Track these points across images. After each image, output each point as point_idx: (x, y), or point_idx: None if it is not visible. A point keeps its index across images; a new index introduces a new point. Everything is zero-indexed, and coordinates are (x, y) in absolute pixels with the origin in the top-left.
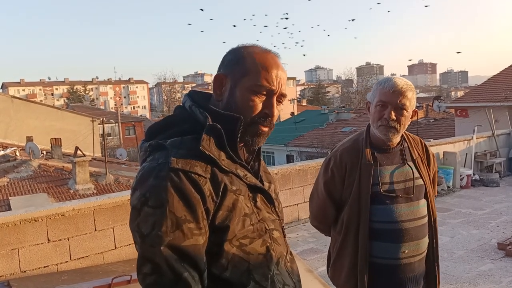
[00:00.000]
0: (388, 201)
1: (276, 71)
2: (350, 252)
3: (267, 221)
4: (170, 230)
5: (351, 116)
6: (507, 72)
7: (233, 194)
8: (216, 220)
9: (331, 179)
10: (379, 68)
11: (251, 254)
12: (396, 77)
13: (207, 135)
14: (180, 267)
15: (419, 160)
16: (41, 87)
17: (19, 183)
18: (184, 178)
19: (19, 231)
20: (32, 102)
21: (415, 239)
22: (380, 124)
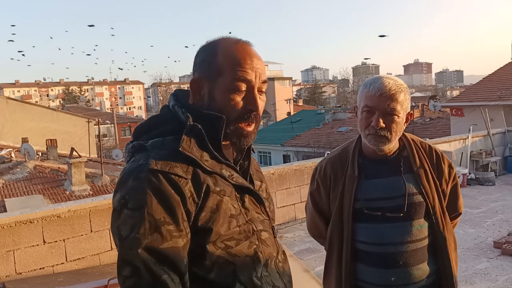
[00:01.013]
0: (371, 220)
1: (250, 62)
2: (334, 273)
3: (256, 222)
4: (148, 233)
5: (347, 116)
6: (502, 71)
7: (217, 195)
8: (198, 221)
9: (316, 191)
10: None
11: (237, 256)
12: (385, 76)
13: (187, 135)
14: (158, 269)
15: (422, 172)
16: (36, 88)
17: (15, 185)
18: (163, 180)
19: (14, 233)
20: (27, 103)
21: (405, 265)
22: (368, 133)
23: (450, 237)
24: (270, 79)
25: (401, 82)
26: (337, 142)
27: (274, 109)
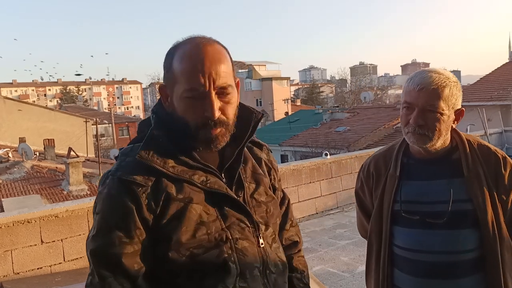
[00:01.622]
0: (409, 224)
1: (201, 67)
2: (373, 275)
3: (233, 230)
4: (101, 235)
5: (345, 116)
6: (499, 71)
7: (180, 203)
8: (159, 229)
9: (360, 189)
10: (372, 68)
11: (205, 264)
12: (431, 69)
13: (146, 143)
14: (104, 272)
15: (474, 177)
16: (33, 87)
17: (12, 185)
18: (121, 187)
19: (12, 233)
20: (24, 103)
21: (443, 277)
22: (407, 131)
23: (506, 254)
24: (268, 79)
25: (448, 76)
26: (335, 142)
27: (272, 109)
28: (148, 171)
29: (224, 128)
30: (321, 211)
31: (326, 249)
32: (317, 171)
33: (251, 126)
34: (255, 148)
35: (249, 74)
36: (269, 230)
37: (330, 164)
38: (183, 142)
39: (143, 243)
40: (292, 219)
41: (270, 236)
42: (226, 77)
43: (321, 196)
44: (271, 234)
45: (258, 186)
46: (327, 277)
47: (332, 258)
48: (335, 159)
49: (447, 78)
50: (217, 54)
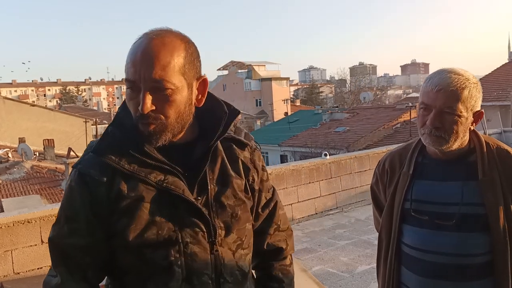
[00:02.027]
0: (418, 223)
1: (133, 61)
2: (382, 271)
3: (185, 233)
4: (58, 226)
5: (344, 116)
6: (499, 72)
7: (129, 200)
8: (110, 225)
9: (375, 184)
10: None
11: (151, 265)
12: (450, 69)
13: (101, 139)
14: (57, 261)
15: (489, 181)
16: (33, 88)
17: (12, 185)
18: (79, 180)
19: (12, 233)
20: (24, 103)
21: (449, 279)
22: (423, 132)
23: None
24: (267, 79)
25: (467, 77)
26: (334, 142)
27: (271, 109)
28: (105, 166)
29: (159, 126)
30: (321, 212)
31: (325, 249)
32: (316, 171)
33: (221, 125)
34: (236, 147)
35: (248, 74)
36: (231, 236)
37: (330, 165)
38: (133, 137)
39: (96, 237)
40: (279, 223)
41: (233, 242)
42: (162, 72)
43: (321, 196)
44: (235, 240)
45: (225, 188)
46: (327, 277)
47: (331, 258)
48: (335, 159)
49: (466, 80)
50: (158, 47)
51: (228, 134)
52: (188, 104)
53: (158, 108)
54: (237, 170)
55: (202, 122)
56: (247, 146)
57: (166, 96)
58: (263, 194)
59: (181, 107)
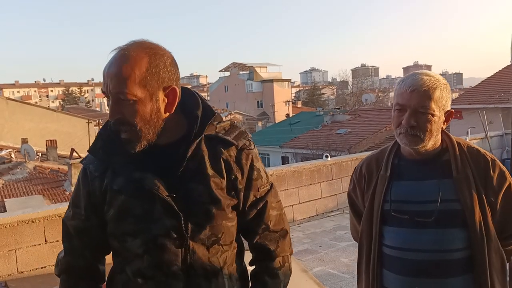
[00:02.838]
0: (398, 223)
1: (105, 71)
2: (364, 278)
3: (157, 226)
4: (68, 209)
5: (346, 118)
6: (501, 74)
7: (114, 193)
8: (103, 213)
9: (353, 191)
10: (374, 70)
11: (129, 251)
12: (421, 72)
13: (95, 140)
14: (64, 237)
15: (463, 179)
16: (36, 89)
17: (14, 185)
18: (83, 173)
19: (16, 232)
20: (27, 103)
21: (430, 276)
22: (400, 132)
23: (493, 255)
24: (269, 81)
25: (438, 78)
26: (335, 144)
27: (273, 111)
28: (100, 162)
29: (131, 134)
30: (322, 213)
31: (326, 251)
32: (317, 173)
33: (195, 128)
34: (220, 146)
35: (250, 76)
36: (204, 232)
37: (331, 166)
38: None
39: (92, 222)
40: (268, 223)
41: (206, 238)
42: (121, 85)
43: (322, 198)
44: (209, 236)
45: (200, 187)
46: (327, 278)
47: (332, 259)
48: (336, 161)
49: (437, 80)
50: (121, 61)
51: (215, 133)
52: (154, 112)
53: (125, 117)
54: (217, 169)
55: (189, 124)
56: (233, 145)
57: (129, 105)
58: (251, 192)
59: (146, 116)
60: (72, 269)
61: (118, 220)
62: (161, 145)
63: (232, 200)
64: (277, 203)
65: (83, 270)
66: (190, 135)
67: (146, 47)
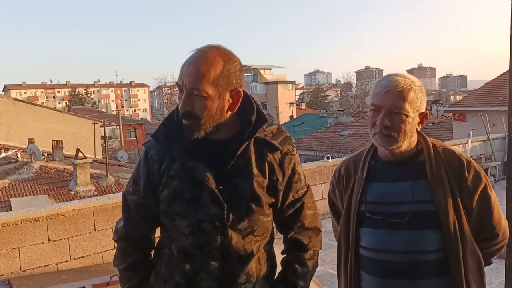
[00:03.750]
0: (374, 225)
1: (182, 68)
2: (342, 279)
3: (203, 212)
4: (128, 185)
5: (350, 120)
6: (505, 76)
7: (168, 177)
8: (158, 193)
9: (332, 192)
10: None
11: (177, 229)
12: (396, 73)
13: (157, 129)
14: (124, 209)
15: (437, 180)
16: (42, 89)
17: (20, 185)
18: (144, 155)
19: (20, 231)
20: (33, 104)
21: (405, 277)
22: (374, 132)
23: (469, 257)
24: (273, 83)
25: (413, 80)
26: (339, 146)
27: (277, 113)
28: (161, 148)
29: (193, 123)
30: (322, 214)
31: (326, 251)
32: (318, 174)
33: (248, 130)
34: (267, 149)
35: (254, 77)
36: (242, 223)
37: (332, 167)
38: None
39: (148, 199)
40: (303, 221)
41: (244, 228)
42: (196, 82)
43: (323, 199)
44: (246, 227)
45: (245, 184)
46: (327, 278)
47: (332, 259)
48: (337, 162)
49: (412, 82)
50: (200, 62)
51: (263, 137)
52: (219, 110)
53: (194, 110)
54: (261, 170)
55: (242, 125)
56: (278, 150)
57: (200, 101)
58: (290, 193)
59: (212, 111)
60: (129, 237)
61: (171, 201)
62: (215, 141)
63: (270, 198)
64: (312, 203)
65: (138, 239)
66: (242, 135)
67: (222, 52)
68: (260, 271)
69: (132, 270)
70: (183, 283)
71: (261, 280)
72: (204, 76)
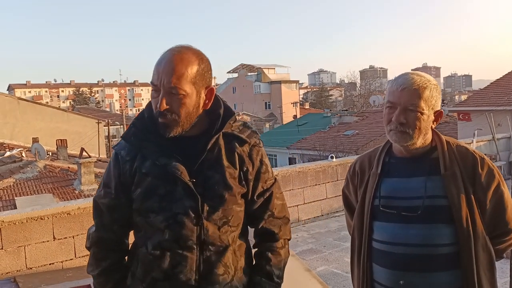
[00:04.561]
0: (387, 218)
1: (159, 68)
2: (356, 272)
3: (177, 205)
4: (98, 189)
5: (353, 120)
6: (509, 76)
7: (141, 175)
8: (131, 192)
9: (346, 188)
10: (382, 72)
11: (152, 226)
12: (412, 72)
13: (128, 128)
14: (95, 213)
15: (450, 176)
16: (47, 89)
17: (25, 184)
18: (114, 157)
19: (25, 229)
20: (38, 104)
21: (416, 270)
22: (390, 129)
23: (480, 251)
24: (277, 82)
25: (428, 78)
26: (343, 145)
27: (280, 112)
28: (131, 147)
29: (171, 121)
30: (326, 213)
31: (330, 250)
32: (322, 173)
33: (217, 124)
34: (235, 142)
35: (258, 77)
36: (217, 214)
37: (336, 167)
38: (154, 128)
39: (121, 200)
40: (273, 211)
41: (219, 219)
42: (175, 81)
43: (327, 198)
44: (221, 217)
45: (217, 175)
46: (331, 277)
47: (336, 259)
48: (341, 162)
49: (428, 81)
50: (176, 61)
51: (231, 131)
52: (196, 107)
53: (172, 108)
54: (232, 161)
55: (210, 121)
56: (247, 143)
57: (178, 99)
58: (260, 183)
59: (190, 109)
60: (102, 242)
61: (144, 198)
62: (186, 137)
63: (242, 188)
64: (280, 194)
65: (112, 243)
66: (210, 130)
67: (195, 52)
68: (237, 263)
69: (106, 275)
70: (161, 278)
71: (239, 272)
72: (183, 75)
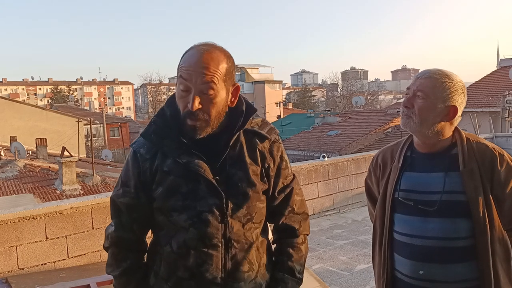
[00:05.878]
0: (407, 211)
1: (189, 66)
2: (377, 260)
3: (201, 203)
4: (116, 188)
5: (337, 120)
6: (488, 78)
7: (163, 174)
8: (151, 191)
9: (369, 178)
10: (363, 73)
11: (175, 225)
12: (437, 68)
13: (147, 126)
14: (114, 213)
15: (469, 171)
16: (24, 86)
17: (4, 183)
18: (133, 156)
19: (17, 229)
20: (16, 101)
21: (434, 261)
22: (401, 113)
23: (497, 244)
24: (260, 82)
25: (447, 74)
26: (326, 145)
27: (264, 112)
28: (151, 146)
29: (203, 121)
30: (318, 212)
31: (324, 249)
32: (314, 172)
33: (240, 121)
34: (256, 138)
35: (241, 77)
36: (241, 211)
37: (327, 166)
38: (177, 127)
39: (141, 199)
40: (294, 207)
41: (243, 216)
42: (208, 80)
43: (318, 197)
44: (245, 214)
45: (240, 172)
46: (327, 275)
47: (330, 257)
48: (332, 161)
49: (446, 75)
50: (208, 60)
51: (251, 128)
52: (225, 105)
53: (204, 108)
54: (253, 158)
55: (231, 117)
56: (267, 139)
57: (210, 98)
58: (280, 180)
59: (220, 107)
60: (122, 241)
61: (167, 197)
62: (210, 133)
63: (264, 185)
64: (299, 190)
65: (131, 243)
66: (232, 126)
67: (222, 50)
68: (260, 260)
69: (127, 275)
70: (187, 277)
71: (262, 269)
72: (215, 74)
